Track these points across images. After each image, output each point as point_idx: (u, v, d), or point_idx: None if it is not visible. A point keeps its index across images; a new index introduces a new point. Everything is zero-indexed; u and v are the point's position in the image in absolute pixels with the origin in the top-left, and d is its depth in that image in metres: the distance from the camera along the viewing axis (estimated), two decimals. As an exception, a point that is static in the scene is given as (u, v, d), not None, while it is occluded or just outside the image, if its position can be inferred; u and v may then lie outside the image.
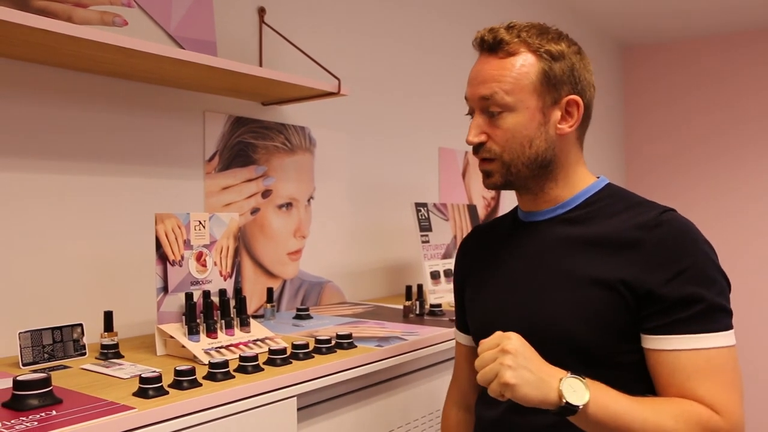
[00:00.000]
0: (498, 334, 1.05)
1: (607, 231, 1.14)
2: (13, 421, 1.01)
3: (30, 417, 1.03)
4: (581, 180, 1.24)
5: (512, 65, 1.17)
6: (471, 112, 1.24)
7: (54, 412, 1.06)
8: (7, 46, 1.44)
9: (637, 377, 1.11)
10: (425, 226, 2.49)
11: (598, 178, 1.27)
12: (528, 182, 1.22)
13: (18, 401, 1.08)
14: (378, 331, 1.78)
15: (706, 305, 1.06)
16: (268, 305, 1.99)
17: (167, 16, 1.78)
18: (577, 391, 0.99)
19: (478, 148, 1.22)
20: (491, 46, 1.19)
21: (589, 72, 1.22)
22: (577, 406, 0.98)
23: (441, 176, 3.03)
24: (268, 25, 2.12)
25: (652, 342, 1.08)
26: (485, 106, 1.19)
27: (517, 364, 0.99)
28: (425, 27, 2.92)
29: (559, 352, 1.09)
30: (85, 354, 1.49)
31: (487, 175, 1.24)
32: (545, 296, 1.18)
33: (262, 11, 2.13)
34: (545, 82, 1.17)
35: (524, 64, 1.17)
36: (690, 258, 1.08)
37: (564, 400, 0.98)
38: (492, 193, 3.43)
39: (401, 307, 2.24)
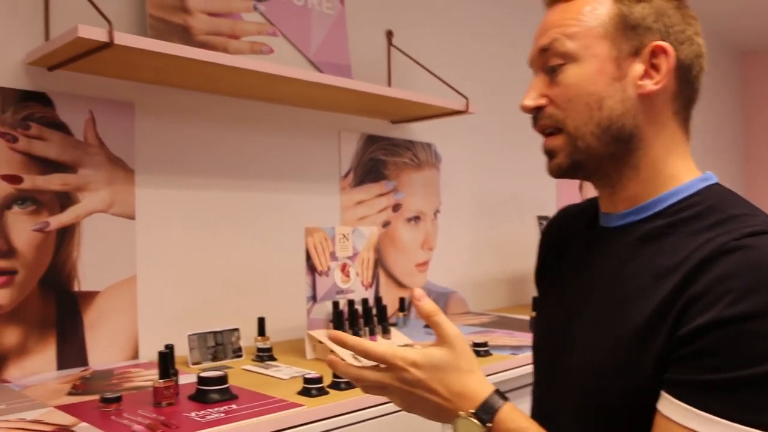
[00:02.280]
0: (398, 356, 0.83)
1: (676, 259, 0.80)
2: (203, 412, 1.14)
3: (216, 409, 1.16)
4: (674, 175, 0.89)
5: (579, 7, 0.89)
6: None
7: (234, 406, 1.18)
8: (176, 77, 1.60)
9: None
10: (547, 238, 2.53)
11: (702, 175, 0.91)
12: (603, 165, 0.90)
13: (202, 395, 1.21)
14: (509, 340, 1.84)
15: (734, 378, 0.70)
16: (401, 314, 2.08)
17: (307, 42, 1.91)
18: None
19: (537, 117, 0.94)
20: None
21: (690, 26, 0.89)
22: None
23: (558, 188, 3.05)
24: (396, 47, 2.23)
25: (660, 399, 0.77)
26: (545, 62, 0.91)
27: (411, 397, 0.84)
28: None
29: (586, 413, 0.88)
30: (241, 356, 1.63)
31: (549, 156, 0.93)
32: (593, 343, 0.88)
33: (390, 34, 2.25)
34: (621, 25, 0.87)
35: (594, 3, 0.89)
36: (749, 305, 0.71)
37: None
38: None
39: (524, 317, 2.29)
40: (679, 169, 0.89)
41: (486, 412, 0.81)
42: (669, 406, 0.75)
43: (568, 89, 0.89)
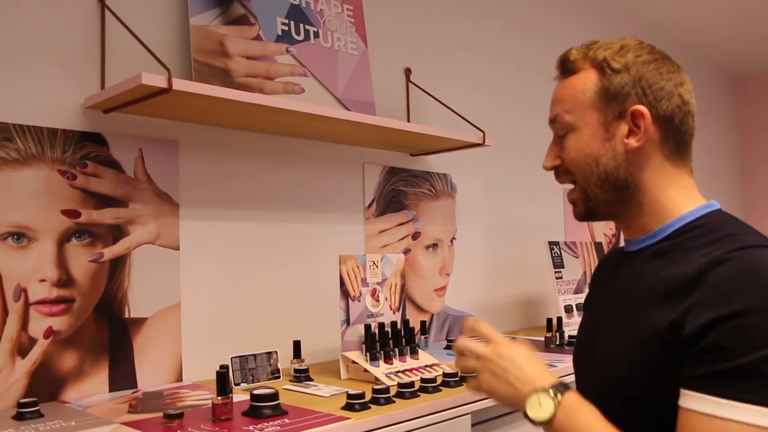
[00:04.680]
0: (500, 335, 1.07)
1: (678, 270, 0.97)
2: (259, 426, 1.24)
3: (269, 423, 1.26)
4: (676, 206, 1.06)
5: (572, 83, 1.10)
6: None
7: (286, 420, 1.28)
8: (217, 116, 1.72)
9: None
10: (558, 263, 2.65)
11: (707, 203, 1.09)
12: (612, 208, 1.11)
13: (256, 411, 1.32)
14: (528, 360, 1.95)
15: (737, 365, 0.85)
16: (422, 336, 2.18)
17: (335, 82, 2.04)
18: (543, 406, 0.97)
19: (556, 174, 1.16)
20: (561, 68, 1.14)
21: (669, 80, 1.06)
22: (532, 421, 0.98)
23: (566, 216, 3.17)
24: (414, 84, 2.36)
25: (680, 396, 0.91)
26: (555, 130, 1.13)
27: (499, 370, 1.03)
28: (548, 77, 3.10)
29: (610, 403, 1.01)
30: (279, 377, 1.73)
31: (573, 206, 1.16)
32: (611, 341, 1.06)
33: (408, 71, 2.38)
34: (604, 96, 1.06)
35: (584, 80, 1.09)
36: (739, 303, 0.87)
37: (524, 411, 0.99)
38: (612, 230, 3.53)
39: (539, 338, 2.39)
40: (681, 201, 1.06)
41: (558, 389, 0.98)
42: (688, 399, 0.89)
43: (571, 152, 1.10)
